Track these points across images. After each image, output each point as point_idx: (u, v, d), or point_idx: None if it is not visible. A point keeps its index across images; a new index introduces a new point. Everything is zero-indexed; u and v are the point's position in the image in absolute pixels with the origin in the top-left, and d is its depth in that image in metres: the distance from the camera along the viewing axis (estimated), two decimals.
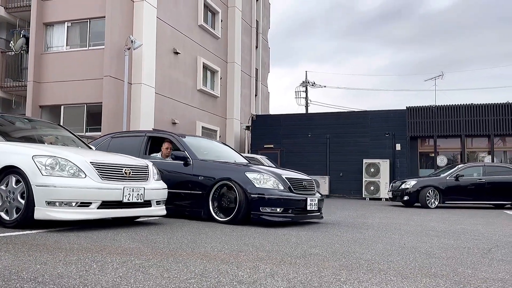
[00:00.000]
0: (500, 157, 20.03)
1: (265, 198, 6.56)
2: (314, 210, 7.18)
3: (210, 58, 21.67)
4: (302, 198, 6.93)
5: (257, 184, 6.64)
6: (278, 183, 6.79)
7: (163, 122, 17.78)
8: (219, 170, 7.06)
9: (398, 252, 4.51)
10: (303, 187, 7.16)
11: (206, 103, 21.33)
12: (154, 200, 6.16)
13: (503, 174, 14.46)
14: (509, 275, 3.54)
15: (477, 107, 19.70)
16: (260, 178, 6.72)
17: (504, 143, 20.15)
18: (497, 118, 19.37)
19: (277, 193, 6.65)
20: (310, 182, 7.47)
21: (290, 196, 6.78)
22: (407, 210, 12.53)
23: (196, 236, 5.21)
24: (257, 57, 28.49)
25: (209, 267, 3.42)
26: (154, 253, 3.93)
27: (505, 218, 10.05)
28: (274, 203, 6.60)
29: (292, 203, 6.79)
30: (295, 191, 6.93)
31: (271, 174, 6.87)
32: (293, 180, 7.08)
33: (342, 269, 3.53)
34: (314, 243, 4.95)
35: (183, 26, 19.41)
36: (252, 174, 6.79)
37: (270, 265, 3.59)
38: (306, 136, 21.86)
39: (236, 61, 23.89)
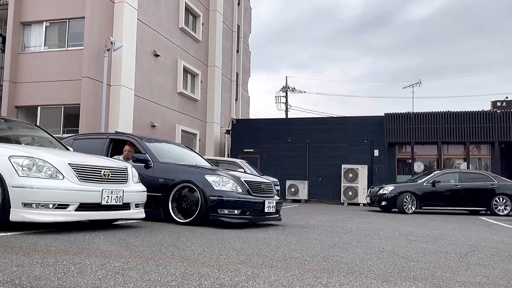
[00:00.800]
0: (475, 164, 20.45)
1: (224, 200, 6.74)
2: (272, 212, 7.37)
3: (191, 61, 21.59)
4: (260, 200, 7.11)
5: (216, 187, 6.81)
6: (236, 186, 6.96)
7: (142, 125, 17.62)
8: (179, 173, 7.18)
9: (377, 256, 4.56)
10: (261, 190, 7.36)
11: (186, 106, 21.22)
12: (133, 203, 6.08)
13: (478, 180, 14.75)
14: (486, 278, 3.61)
15: (454, 114, 20.10)
16: (219, 181, 6.87)
17: (479, 151, 20.59)
18: (472, 126, 19.79)
19: (235, 196, 6.83)
20: (269, 185, 7.68)
21: (248, 198, 6.96)
22: (385, 215, 12.67)
23: (176, 239, 5.16)
24: (237, 61, 28.52)
25: (190, 270, 3.39)
26: (133, 256, 3.88)
27: (480, 224, 10.25)
28: (232, 205, 6.78)
29: (250, 205, 6.97)
30: (253, 193, 7.12)
31: (230, 177, 7.03)
32: (252, 183, 7.26)
33: (323, 272, 3.54)
34: (294, 247, 4.96)
35: (163, 29, 19.30)
36: (211, 176, 6.94)
37: (251, 268, 3.58)
38: (286, 141, 21.94)
39: (217, 65, 23.86)
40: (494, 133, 19.50)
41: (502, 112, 19.88)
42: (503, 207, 14.25)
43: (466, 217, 13.11)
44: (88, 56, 15.33)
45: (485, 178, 14.83)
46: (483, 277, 3.67)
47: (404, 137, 20.45)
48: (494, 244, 6.15)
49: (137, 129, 16.92)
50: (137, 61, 17.19)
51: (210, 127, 23.38)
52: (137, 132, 16.80)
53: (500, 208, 14.25)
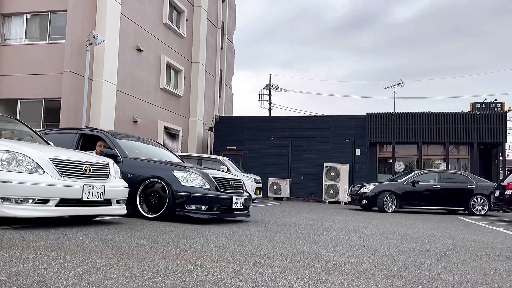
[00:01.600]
0: (454, 164, 20.79)
1: (191, 196, 6.84)
2: (240, 208, 7.50)
3: (174, 57, 21.46)
4: (227, 196, 7.23)
5: (184, 182, 6.91)
6: (204, 182, 7.06)
7: (124, 120, 17.46)
8: (148, 168, 7.24)
9: (358, 254, 4.60)
10: (230, 186, 7.47)
11: (169, 102, 21.09)
12: (115, 199, 6.02)
13: (457, 181, 15.00)
14: (464, 276, 3.68)
15: (434, 115, 20.38)
16: (186, 177, 6.98)
17: (458, 151, 20.94)
18: (452, 127, 20.10)
19: (203, 191, 6.94)
20: (238, 181, 7.79)
21: (215, 194, 7.06)
22: (365, 213, 12.80)
23: (158, 236, 5.14)
24: (221, 58, 28.44)
25: (172, 266, 3.38)
26: (115, 252, 3.85)
27: (459, 223, 10.43)
28: (199, 201, 6.89)
29: (218, 201, 7.08)
30: (221, 190, 7.22)
31: (198, 173, 7.13)
32: (220, 179, 7.35)
33: (305, 270, 3.56)
34: (276, 244, 4.98)
35: (147, 24, 19.14)
36: (179, 172, 7.03)
37: (234, 265, 3.59)
38: (268, 138, 21.99)
39: (201, 61, 23.76)
40: (473, 134, 19.85)
41: (481, 114, 20.24)
42: (481, 207, 14.50)
43: (444, 216, 13.33)
44: (70, 49, 15.11)
45: (464, 178, 15.08)
46: (461, 275, 3.74)
47: (385, 136, 20.67)
48: (472, 243, 6.27)
49: (118, 125, 16.76)
50: (120, 55, 17.01)
51: (193, 123, 23.28)
52: (119, 127, 16.65)
53: (477, 208, 14.50)
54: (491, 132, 19.71)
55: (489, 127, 19.77)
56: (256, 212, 10.77)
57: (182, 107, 22.52)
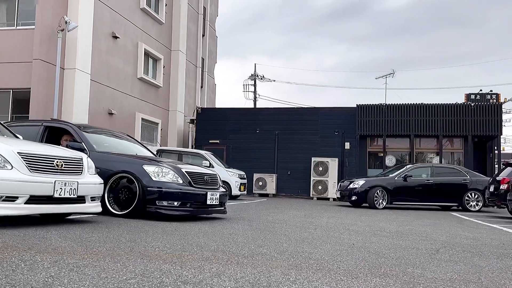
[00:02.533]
0: (448, 158, 21.06)
1: (162, 192, 6.88)
2: (216, 204, 7.55)
3: (153, 45, 21.29)
4: (202, 192, 7.28)
5: (155, 177, 6.94)
6: (177, 177, 7.10)
7: (98, 112, 17.29)
8: (117, 163, 7.24)
9: (347, 252, 4.65)
10: (204, 181, 7.52)
11: (147, 93, 20.95)
12: (89, 196, 5.99)
13: (450, 175, 15.19)
14: (457, 275, 3.74)
15: (427, 107, 20.58)
16: (158, 171, 7.02)
17: (452, 144, 21.21)
18: (446, 119, 20.33)
19: (175, 187, 6.99)
20: (213, 176, 7.86)
21: (189, 190, 7.12)
22: (355, 210, 12.91)
23: (135, 234, 5.12)
24: (203, 46, 28.30)
25: (150, 267, 3.37)
26: (89, 253, 3.82)
27: (452, 220, 10.58)
28: (171, 197, 6.93)
29: (191, 197, 7.13)
30: (195, 185, 7.28)
31: (170, 168, 7.17)
32: (194, 174, 7.41)
33: (291, 269, 3.59)
34: (262, 242, 5.00)
35: (123, 9, 18.94)
36: (150, 167, 7.05)
37: (216, 265, 3.60)
38: (254, 132, 22.00)
39: (181, 49, 23.62)
40: (467, 127, 20.11)
41: (476, 105, 20.51)
42: (475, 203, 14.71)
43: (437, 212, 13.51)
44: (40, 36, 14.89)
45: (458, 173, 15.28)
46: (454, 273, 3.80)
47: (376, 129, 20.83)
48: (466, 240, 6.37)
49: (93, 117, 16.61)
50: (94, 43, 16.82)
51: (173, 116, 23.17)
52: (94, 120, 16.50)
53: (472, 204, 14.70)
54: (486, 125, 19.99)
55: (484, 119, 20.04)
56: (241, 210, 10.79)
57: (161, 98, 22.39)
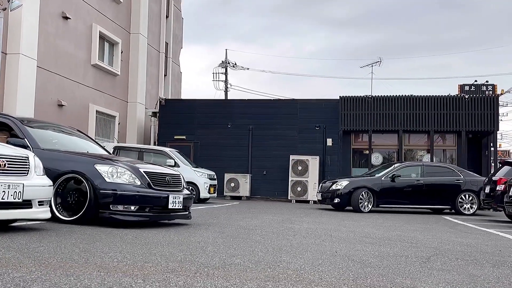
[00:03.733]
0: (439, 156, 21.47)
1: (117, 195, 6.86)
2: (179, 208, 7.55)
3: (109, 27, 21.04)
4: (163, 195, 7.27)
5: (108, 179, 6.91)
6: (134, 178, 7.09)
7: (46, 103, 17.01)
8: (65, 162, 7.18)
9: (329, 261, 4.70)
10: (166, 183, 7.52)
11: (102, 82, 20.70)
12: (36, 200, 5.91)
13: (442, 175, 15.49)
14: (450, 285, 3.83)
15: (417, 99, 20.91)
16: (112, 172, 7.00)
17: (444, 141, 21.62)
18: (437, 113, 20.69)
19: (132, 189, 6.97)
20: (176, 177, 7.87)
21: (147, 192, 7.12)
22: (338, 214, 13.05)
23: (90, 244, 5.08)
24: (167, 28, 28.11)
25: (108, 280, 3.36)
26: (37, 265, 3.78)
27: (444, 224, 10.80)
28: (128, 200, 6.90)
29: (150, 201, 7.13)
30: (155, 187, 7.27)
31: (126, 168, 7.15)
32: (154, 174, 7.41)
33: (268, 281, 3.61)
34: (234, 252, 5.02)
35: None
36: (103, 166, 7.00)
37: (184, 277, 3.60)
38: (225, 126, 21.98)
39: (142, 32, 23.40)
40: (461, 121, 20.51)
41: (470, 98, 20.94)
42: (469, 205, 15.04)
43: (428, 216, 13.77)
44: None
45: (451, 172, 15.59)
46: (447, 283, 3.89)
47: (360, 124, 21.07)
48: (459, 247, 6.52)
49: (40, 109, 16.33)
50: (40, 24, 16.52)
51: (133, 108, 22.96)
52: (41, 112, 16.22)
53: (466, 206, 15.02)
54: (481, 119, 20.44)
55: (479, 113, 20.48)
56: (210, 214, 10.79)
57: (119, 88, 22.15)
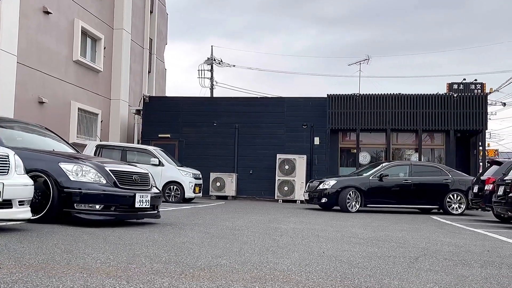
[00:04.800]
0: (427, 155, 21.63)
1: (82, 193, 6.97)
2: (146, 208, 7.66)
3: (92, 22, 20.91)
4: (129, 194, 7.38)
5: (73, 177, 7.00)
6: (100, 176, 7.19)
7: (27, 100, 16.88)
8: (29, 160, 7.13)
9: (317, 262, 4.73)
10: (132, 181, 7.63)
11: (85, 78, 20.58)
12: (17, 200, 5.90)
13: (430, 174, 15.61)
14: (438, 286, 3.88)
15: (405, 98, 21.04)
16: (76, 170, 7.10)
17: (432, 140, 21.79)
18: (426, 111, 20.84)
19: (97, 188, 7.10)
20: (144, 176, 7.96)
21: (113, 191, 7.24)
22: (325, 214, 13.11)
23: (72, 244, 5.06)
24: (151, 24, 28.00)
25: (91, 282, 3.35)
26: (18, 266, 3.77)
27: (432, 224, 10.90)
28: (92, 199, 7.02)
29: (116, 200, 7.24)
30: (121, 185, 7.40)
31: (91, 166, 7.25)
32: (120, 173, 7.52)
33: (255, 282, 3.63)
34: (220, 252, 5.03)
35: None
36: (67, 165, 7.09)
37: (169, 278, 3.60)
38: (211, 124, 21.94)
39: (125, 28, 23.29)
40: (449, 120, 20.69)
41: (459, 96, 21.14)
42: (457, 205, 15.15)
43: (416, 216, 13.88)
44: None
45: (439, 172, 15.72)
46: (435, 284, 3.94)
47: (348, 122, 21.16)
48: (447, 247, 6.59)
49: (20, 106, 16.19)
50: (21, 19, 16.38)
51: (116, 105, 22.85)
52: (21, 110, 16.09)
53: (454, 206, 15.15)
54: (470, 118, 20.63)
55: (468, 111, 20.67)
56: (195, 214, 10.78)
57: (101, 85, 22.03)
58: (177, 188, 16.03)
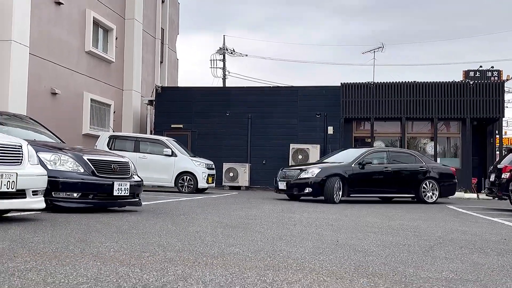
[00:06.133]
0: (443, 144, 21.49)
1: (59, 182, 7.19)
2: (126, 195, 7.96)
3: (103, 12, 20.96)
4: (107, 182, 7.68)
5: (51, 166, 7.17)
6: (78, 166, 7.44)
7: (40, 91, 17.00)
8: None
9: (331, 250, 4.73)
10: (111, 170, 7.87)
11: (97, 69, 20.66)
12: (30, 190, 5.94)
13: (407, 161, 15.02)
14: (454, 273, 3.86)
15: (420, 86, 20.89)
16: (54, 159, 7.33)
17: (448, 128, 21.62)
18: (441, 100, 20.67)
19: (74, 177, 7.37)
20: (123, 164, 8.21)
21: (91, 179, 7.52)
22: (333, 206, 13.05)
23: (86, 234, 5.11)
24: (163, 14, 28.01)
25: (105, 270, 3.38)
26: (32, 255, 3.81)
27: (447, 213, 10.85)
28: (70, 187, 7.28)
29: (94, 188, 7.52)
30: (100, 174, 7.67)
31: (69, 155, 7.48)
32: (98, 162, 7.80)
33: (268, 270, 3.64)
34: (234, 241, 5.05)
35: None
36: (45, 154, 7.27)
37: (182, 266, 3.62)
38: (223, 115, 21.96)
39: (137, 18, 23.32)
40: (465, 108, 20.51)
41: (475, 84, 20.92)
42: (431, 193, 14.67)
43: (431, 205, 13.80)
44: None
45: (413, 158, 15.22)
46: (450, 272, 3.92)
47: (362, 111, 21.07)
48: (463, 235, 6.56)
49: (33, 98, 16.31)
50: (33, 10, 16.46)
51: (128, 96, 22.93)
52: (34, 101, 16.21)
53: (428, 194, 14.64)
54: (487, 106, 20.43)
55: (484, 99, 20.47)
56: (209, 204, 10.82)
57: (114, 76, 22.11)
58: (190, 178, 16.09)
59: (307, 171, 13.73)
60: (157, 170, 16.04)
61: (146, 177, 13.69)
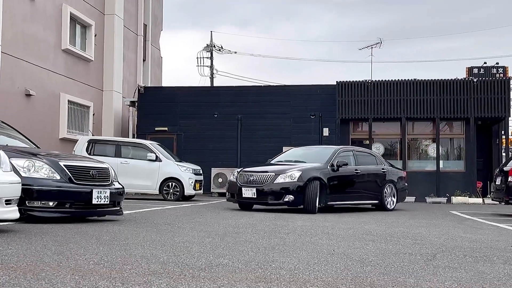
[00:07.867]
0: (446, 146, 21.59)
1: (34, 190, 7.13)
2: (106, 204, 7.93)
3: (81, 7, 20.91)
4: (85, 190, 7.66)
5: (24, 173, 7.12)
6: (54, 172, 7.40)
7: (12, 92, 16.91)
8: None
9: (326, 260, 4.74)
10: (90, 177, 7.85)
11: (74, 68, 20.59)
12: (3, 199, 5.93)
13: (370, 163, 14.10)
14: (457, 283, 3.88)
15: (421, 84, 20.98)
16: (28, 166, 7.26)
17: (451, 129, 21.71)
18: (443, 98, 20.75)
19: (49, 184, 7.32)
20: (103, 171, 8.18)
21: (67, 187, 7.49)
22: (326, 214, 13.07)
23: (63, 246, 5.09)
24: (146, 9, 27.96)
25: (83, 284, 3.37)
26: (5, 268, 3.79)
27: (451, 219, 10.90)
28: (45, 196, 7.23)
29: (70, 196, 7.51)
30: (77, 181, 7.64)
31: (44, 162, 7.43)
32: (76, 168, 7.77)
33: (259, 282, 3.64)
34: (222, 252, 5.05)
35: None
36: (18, 160, 7.21)
37: (167, 279, 3.62)
38: (211, 116, 21.93)
39: (117, 13, 23.27)
40: (469, 107, 20.60)
41: (479, 81, 21.04)
42: (390, 198, 13.91)
43: (433, 211, 13.85)
44: None
45: (374, 159, 14.45)
46: (454, 281, 3.94)
47: (360, 111, 21.12)
48: (467, 243, 6.59)
49: (5, 99, 16.23)
50: (4, 5, 16.39)
51: (109, 97, 22.86)
52: (7, 103, 16.12)
53: (388, 200, 13.80)
54: (491, 104, 20.54)
55: (489, 97, 20.58)
56: (196, 212, 10.81)
57: (93, 75, 22.04)
58: (176, 185, 16.05)
59: (286, 174, 11.88)
60: (140, 176, 15.98)
61: (128, 184, 13.62)
